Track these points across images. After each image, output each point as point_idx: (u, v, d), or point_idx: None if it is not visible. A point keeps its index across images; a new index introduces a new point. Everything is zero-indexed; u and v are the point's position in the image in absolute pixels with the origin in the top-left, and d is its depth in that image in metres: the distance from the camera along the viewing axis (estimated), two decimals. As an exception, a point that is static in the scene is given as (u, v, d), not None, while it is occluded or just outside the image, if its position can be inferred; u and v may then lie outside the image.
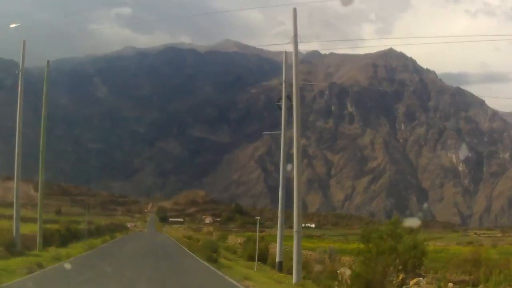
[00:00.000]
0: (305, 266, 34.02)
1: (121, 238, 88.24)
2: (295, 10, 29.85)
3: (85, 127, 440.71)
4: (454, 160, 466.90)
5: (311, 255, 37.00)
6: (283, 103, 36.76)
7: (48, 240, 47.15)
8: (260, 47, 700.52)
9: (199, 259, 41.19)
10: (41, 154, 45.91)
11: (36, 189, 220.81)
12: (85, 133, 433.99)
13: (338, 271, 18.42)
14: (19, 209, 40.78)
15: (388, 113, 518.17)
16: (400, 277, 13.47)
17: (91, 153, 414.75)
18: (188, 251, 53.08)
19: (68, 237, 59.28)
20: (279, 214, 36.63)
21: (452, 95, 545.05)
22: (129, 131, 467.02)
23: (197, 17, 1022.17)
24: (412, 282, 13.31)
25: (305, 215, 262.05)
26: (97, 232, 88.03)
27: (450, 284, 11.69)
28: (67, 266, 31.42)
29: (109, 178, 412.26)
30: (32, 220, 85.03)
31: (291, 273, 29.11)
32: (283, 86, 37.05)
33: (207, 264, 37.35)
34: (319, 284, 26.34)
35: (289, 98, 36.14)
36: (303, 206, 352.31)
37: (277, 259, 36.73)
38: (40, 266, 29.49)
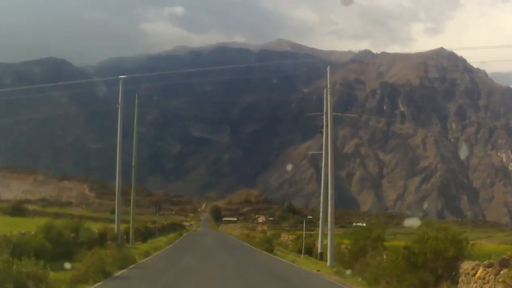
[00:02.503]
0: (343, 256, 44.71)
1: (187, 235, 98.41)
2: (329, 68, 40.80)
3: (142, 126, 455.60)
4: (504, 159, 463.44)
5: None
6: (324, 131, 47.06)
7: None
8: (313, 47, 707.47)
9: (260, 250, 53.52)
10: (133, 170, 57.90)
11: (90, 189, 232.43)
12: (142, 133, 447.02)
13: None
14: (119, 214, 52.41)
15: (439, 112, 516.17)
16: (372, 252, 25.15)
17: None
18: (249, 245, 65.33)
19: (145, 234, 71.32)
20: (320, 215, 47.35)
21: (503, 94, 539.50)
22: (181, 130, 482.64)
23: (251, 17, 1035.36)
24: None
25: (357, 215, 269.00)
26: (163, 230, 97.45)
27: (385, 256, 22.73)
28: (168, 252, 43.95)
29: (164, 178, 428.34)
30: (89, 218, 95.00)
31: (329, 261, 40.68)
32: (324, 117, 46.63)
33: (266, 252, 49.87)
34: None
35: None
36: (356, 205, 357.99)
37: (319, 251, 47.55)
38: (148, 254, 41.23)
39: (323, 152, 47.68)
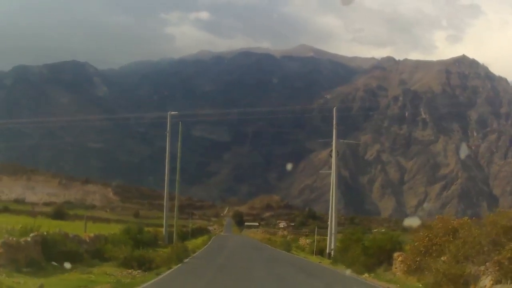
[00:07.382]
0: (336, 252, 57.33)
1: (216, 239, 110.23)
2: (335, 109, 52.71)
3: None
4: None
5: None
6: (333, 156, 58.59)
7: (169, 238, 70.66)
8: (335, 52, 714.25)
9: (279, 250, 66.80)
10: (177, 184, 70.27)
11: (114, 193, 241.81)
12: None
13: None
14: (167, 219, 64.90)
15: (460, 120, 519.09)
16: (352, 248, 37.81)
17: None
18: (271, 246, 78.83)
19: (181, 236, 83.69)
20: (329, 223, 58.92)
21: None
22: (199, 139, 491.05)
23: (275, 22, 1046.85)
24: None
25: (377, 221, 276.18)
26: (192, 233, 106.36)
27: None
28: (209, 249, 56.97)
29: (184, 182, 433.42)
30: (111, 221, 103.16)
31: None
32: (333, 142, 57.73)
33: (285, 251, 63.03)
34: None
35: (337, 151, 57.84)
36: (376, 211, 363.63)
37: (327, 251, 59.24)
38: (194, 250, 53.52)
39: (332, 172, 58.98)
